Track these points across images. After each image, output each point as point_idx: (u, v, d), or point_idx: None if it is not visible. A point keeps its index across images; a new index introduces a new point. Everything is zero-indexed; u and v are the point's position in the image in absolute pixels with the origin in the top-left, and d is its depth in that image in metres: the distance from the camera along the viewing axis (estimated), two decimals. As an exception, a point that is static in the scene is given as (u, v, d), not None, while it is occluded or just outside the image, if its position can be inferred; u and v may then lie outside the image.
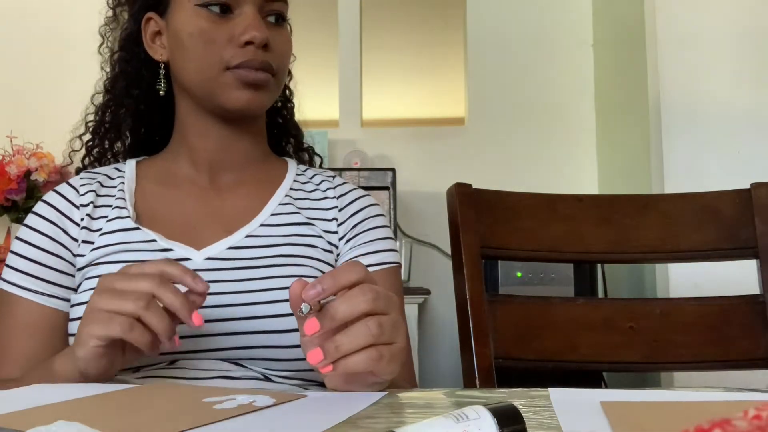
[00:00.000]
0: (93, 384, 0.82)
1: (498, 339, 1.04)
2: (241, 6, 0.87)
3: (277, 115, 1.06)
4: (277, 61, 0.88)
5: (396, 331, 0.62)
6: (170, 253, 0.85)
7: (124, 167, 0.96)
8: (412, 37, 2.95)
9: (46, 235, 0.88)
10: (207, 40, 0.86)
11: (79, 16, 2.72)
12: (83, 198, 0.90)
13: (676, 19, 2.02)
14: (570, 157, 2.74)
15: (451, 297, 1.08)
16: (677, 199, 1.13)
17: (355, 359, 0.59)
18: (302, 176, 1.00)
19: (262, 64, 0.86)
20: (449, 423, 0.38)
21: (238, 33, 0.85)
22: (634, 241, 1.10)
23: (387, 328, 0.61)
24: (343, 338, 0.59)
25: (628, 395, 0.60)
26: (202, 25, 0.86)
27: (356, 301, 0.60)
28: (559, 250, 1.11)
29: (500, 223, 1.10)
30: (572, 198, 1.14)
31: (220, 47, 0.86)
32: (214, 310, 0.81)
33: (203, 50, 0.87)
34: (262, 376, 0.82)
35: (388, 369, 0.62)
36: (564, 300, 1.13)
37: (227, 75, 0.86)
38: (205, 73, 0.87)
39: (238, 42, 0.85)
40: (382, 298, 0.61)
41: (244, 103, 0.87)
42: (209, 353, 0.81)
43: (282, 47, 0.89)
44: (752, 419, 0.31)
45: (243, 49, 0.85)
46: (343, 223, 0.94)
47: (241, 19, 0.86)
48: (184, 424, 0.49)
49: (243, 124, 0.93)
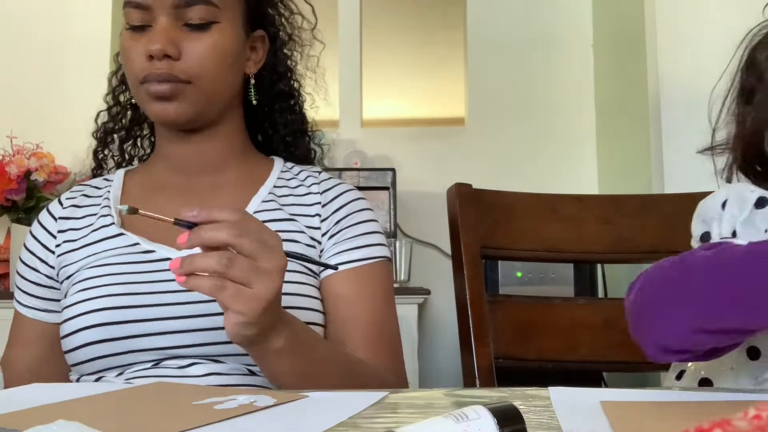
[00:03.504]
0: (93, 384, 0.82)
1: (498, 339, 1.04)
2: (156, 20, 0.88)
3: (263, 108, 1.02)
4: (191, 68, 0.87)
5: (255, 276, 0.66)
6: (152, 254, 0.88)
7: (113, 177, 1.00)
8: (412, 37, 2.95)
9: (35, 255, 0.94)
10: (127, 58, 0.90)
11: (79, 17, 2.72)
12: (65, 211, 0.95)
13: (676, 19, 2.02)
14: (570, 157, 2.73)
15: (451, 297, 1.08)
16: (677, 199, 1.13)
17: (200, 280, 0.65)
18: (287, 173, 0.99)
19: (162, 76, 0.86)
20: (449, 423, 0.38)
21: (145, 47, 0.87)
22: (634, 241, 1.10)
23: (242, 268, 0.65)
24: (198, 257, 0.65)
25: (628, 395, 0.60)
26: (125, 43, 0.90)
27: (220, 229, 0.65)
28: (559, 250, 1.11)
29: (500, 223, 1.10)
30: (572, 198, 1.14)
31: (134, 63, 0.88)
32: (196, 305, 0.83)
33: (126, 67, 0.91)
34: (247, 371, 0.83)
35: (235, 305, 0.65)
36: (564, 300, 1.13)
37: (141, 89, 0.88)
38: (131, 87, 0.92)
39: (144, 56, 0.87)
40: (251, 242, 0.66)
41: (158, 114, 0.89)
42: (189, 349, 0.82)
43: (198, 53, 0.87)
44: (752, 419, 0.31)
45: (148, 63, 0.87)
46: (327, 219, 0.93)
47: (151, 33, 0.87)
48: (185, 424, 0.49)
49: (201, 128, 0.93)
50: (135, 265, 0.87)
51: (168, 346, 0.82)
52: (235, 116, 0.97)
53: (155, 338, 0.82)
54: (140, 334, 0.82)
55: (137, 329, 0.82)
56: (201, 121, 0.92)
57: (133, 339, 0.82)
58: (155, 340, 0.82)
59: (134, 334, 0.82)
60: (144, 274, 0.86)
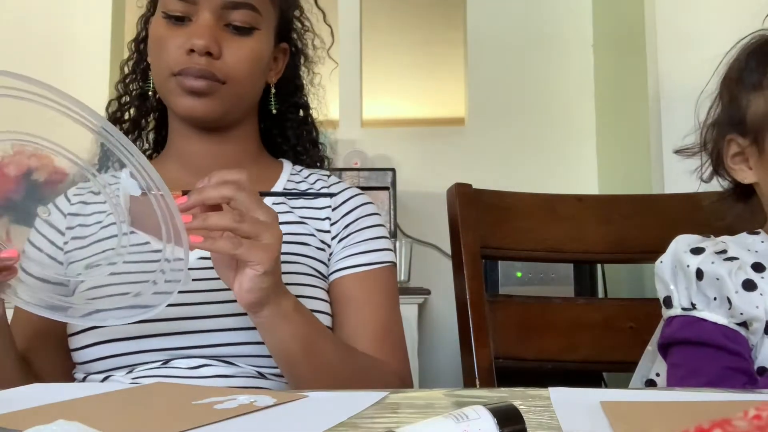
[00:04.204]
0: (93, 384, 0.82)
1: (498, 339, 1.04)
2: (198, 15, 0.88)
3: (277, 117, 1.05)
4: (229, 69, 0.88)
5: (260, 228, 0.70)
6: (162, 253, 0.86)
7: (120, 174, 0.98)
8: (412, 37, 2.95)
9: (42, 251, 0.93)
10: (161, 47, 0.89)
11: (80, 17, 2.72)
12: (73, 207, 0.94)
13: (676, 19, 2.02)
14: (570, 157, 2.73)
15: (451, 297, 1.08)
16: (677, 199, 1.13)
17: (219, 241, 0.69)
18: (297, 176, 1.00)
19: (200, 72, 0.86)
20: (449, 423, 0.38)
21: (185, 40, 0.87)
22: (634, 241, 1.10)
23: (251, 222, 0.70)
24: (211, 214, 0.70)
25: (628, 395, 0.60)
26: (161, 32, 0.89)
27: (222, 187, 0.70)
28: (559, 250, 1.11)
29: (500, 223, 1.10)
30: (572, 198, 1.14)
31: (169, 54, 0.88)
32: (206, 306, 0.83)
33: (158, 56, 0.90)
34: (257, 374, 0.83)
35: (253, 257, 0.69)
36: (564, 300, 1.13)
37: (172, 81, 0.88)
38: (159, 78, 0.91)
39: (184, 49, 0.87)
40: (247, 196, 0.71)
41: (186, 109, 0.89)
42: (200, 349, 0.82)
43: (238, 56, 0.89)
44: (752, 419, 0.31)
45: (187, 56, 0.86)
46: (336, 223, 0.94)
47: (193, 27, 0.88)
48: (185, 424, 0.49)
49: (222, 128, 0.94)
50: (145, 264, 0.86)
51: (178, 346, 0.82)
52: (252, 121, 0.99)
53: (165, 339, 0.82)
54: (150, 335, 0.82)
55: (147, 329, 0.81)
56: (224, 121, 0.93)
57: (142, 339, 0.82)
58: (165, 340, 0.82)
59: (144, 334, 0.82)
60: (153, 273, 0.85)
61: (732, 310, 0.75)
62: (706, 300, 0.77)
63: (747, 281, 0.75)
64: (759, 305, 0.74)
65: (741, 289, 0.75)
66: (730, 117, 0.82)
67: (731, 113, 0.82)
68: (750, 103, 0.79)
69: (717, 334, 0.76)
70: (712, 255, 0.78)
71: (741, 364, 0.75)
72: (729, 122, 0.82)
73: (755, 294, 0.74)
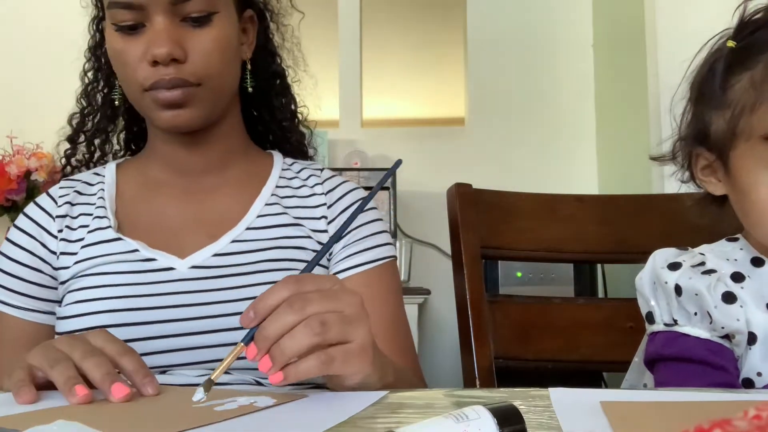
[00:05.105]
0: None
1: (498, 339, 1.04)
2: (151, 19, 0.81)
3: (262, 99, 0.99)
4: (199, 69, 0.82)
5: (349, 327, 0.58)
6: (153, 263, 0.84)
7: (104, 171, 0.94)
8: (412, 37, 2.95)
9: (24, 249, 0.87)
10: (123, 62, 0.83)
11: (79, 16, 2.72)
12: (60, 209, 0.89)
13: (676, 19, 2.02)
14: (570, 157, 2.73)
15: (451, 297, 1.08)
16: (677, 199, 1.13)
17: (304, 365, 0.56)
18: (288, 171, 0.96)
19: (172, 82, 0.80)
20: (449, 423, 0.38)
21: (145, 51, 0.81)
22: (634, 241, 1.10)
23: (334, 325, 0.57)
24: (287, 340, 0.56)
25: (628, 395, 0.60)
26: (119, 46, 0.83)
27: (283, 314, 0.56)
28: (559, 250, 1.11)
29: (500, 223, 1.10)
30: (572, 198, 1.14)
31: (134, 68, 0.82)
32: (202, 321, 0.80)
33: (123, 71, 0.84)
34: (255, 383, 0.81)
35: (347, 369, 0.59)
36: (564, 300, 1.13)
37: (146, 97, 0.82)
38: (131, 94, 0.85)
39: (147, 61, 0.81)
40: (320, 300, 0.57)
41: (168, 122, 0.83)
42: (199, 366, 0.80)
43: (205, 51, 0.82)
44: (752, 419, 0.31)
45: (153, 69, 0.81)
46: (333, 221, 0.91)
47: (150, 35, 0.81)
48: (185, 424, 0.49)
49: (205, 129, 0.88)
50: (136, 275, 0.83)
51: (176, 363, 0.79)
52: (235, 110, 0.93)
53: (163, 356, 0.79)
54: (147, 352, 0.78)
55: (140, 347, 0.77)
56: (209, 121, 0.88)
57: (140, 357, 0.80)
58: (157, 358, 0.79)
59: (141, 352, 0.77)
60: (146, 285, 0.82)
61: (713, 324, 0.74)
62: (687, 315, 0.77)
63: (726, 294, 0.74)
64: (740, 317, 0.73)
65: (720, 303, 0.73)
66: (696, 132, 0.82)
67: (697, 128, 0.82)
68: (712, 121, 0.79)
69: (700, 350, 0.75)
70: (689, 270, 0.77)
71: (726, 378, 0.74)
72: (695, 137, 0.82)
73: (735, 306, 0.73)
